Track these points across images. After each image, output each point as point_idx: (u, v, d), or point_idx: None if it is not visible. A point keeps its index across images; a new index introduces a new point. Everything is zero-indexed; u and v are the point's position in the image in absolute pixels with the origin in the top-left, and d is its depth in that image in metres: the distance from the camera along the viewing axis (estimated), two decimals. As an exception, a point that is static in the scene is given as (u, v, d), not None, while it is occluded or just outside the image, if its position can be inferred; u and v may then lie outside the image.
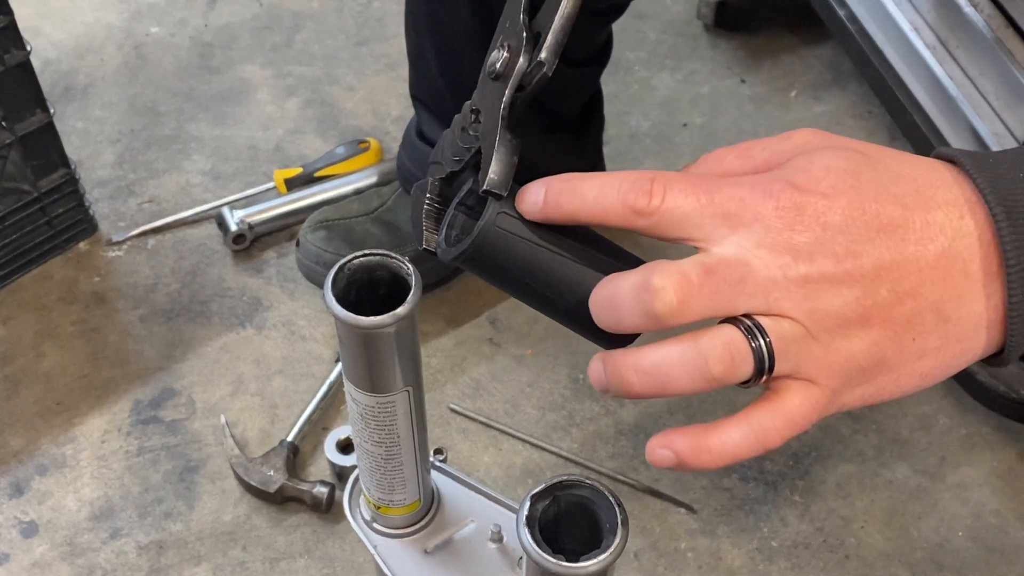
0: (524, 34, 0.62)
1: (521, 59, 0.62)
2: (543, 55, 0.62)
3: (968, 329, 0.59)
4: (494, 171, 0.61)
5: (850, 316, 0.56)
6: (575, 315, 0.62)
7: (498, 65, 0.63)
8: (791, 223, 0.56)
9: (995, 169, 0.57)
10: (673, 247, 0.59)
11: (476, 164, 0.64)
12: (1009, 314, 0.57)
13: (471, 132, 0.64)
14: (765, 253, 0.56)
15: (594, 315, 0.59)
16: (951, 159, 0.60)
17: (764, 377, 0.58)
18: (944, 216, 0.57)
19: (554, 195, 0.60)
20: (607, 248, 0.63)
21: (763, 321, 0.57)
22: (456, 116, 0.67)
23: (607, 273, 0.60)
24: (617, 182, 0.58)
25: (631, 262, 0.62)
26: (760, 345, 0.56)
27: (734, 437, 0.60)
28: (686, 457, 0.59)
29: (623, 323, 0.58)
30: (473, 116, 0.65)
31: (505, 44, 0.63)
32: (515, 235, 0.61)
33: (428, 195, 0.66)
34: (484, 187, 0.61)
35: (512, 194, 0.62)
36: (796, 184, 0.56)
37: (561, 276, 0.61)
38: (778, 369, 0.57)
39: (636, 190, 0.58)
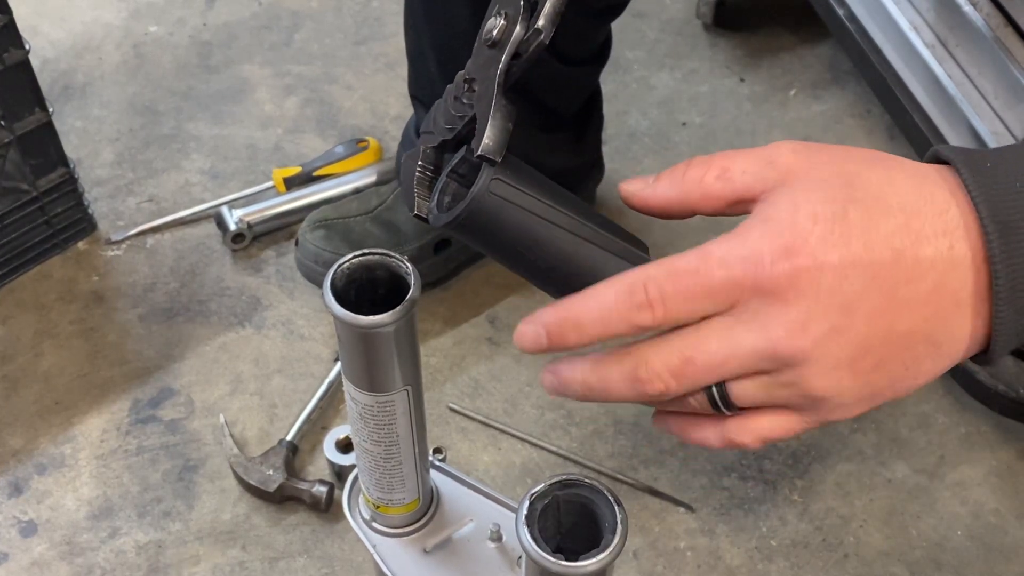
0: (521, 2, 0.62)
1: (518, 27, 0.62)
2: (540, 22, 0.62)
3: (958, 344, 0.59)
4: (489, 136, 0.61)
5: (842, 368, 0.58)
6: (566, 286, 0.62)
7: (495, 32, 0.63)
8: (783, 298, 0.57)
9: (992, 177, 0.57)
10: (678, 243, 0.59)
11: (469, 132, 0.64)
12: (995, 329, 0.58)
13: (464, 100, 0.64)
14: (758, 329, 0.58)
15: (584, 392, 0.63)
16: (947, 161, 0.60)
17: (725, 411, 0.61)
18: (935, 250, 0.57)
19: (557, 338, 0.61)
20: (598, 220, 0.64)
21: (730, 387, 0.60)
22: (448, 86, 0.66)
23: (599, 245, 0.62)
24: (613, 303, 0.59)
25: (622, 235, 0.64)
26: (713, 393, 0.61)
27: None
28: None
29: (614, 399, 0.62)
30: (467, 85, 0.65)
31: (502, 12, 0.63)
32: (509, 202, 0.61)
33: (420, 163, 0.66)
34: (479, 152, 0.60)
35: (507, 161, 0.61)
36: (786, 247, 0.57)
37: (554, 246, 0.62)
38: (742, 405, 0.61)
39: (636, 306, 0.59)
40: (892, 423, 1.51)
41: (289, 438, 1.46)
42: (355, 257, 0.73)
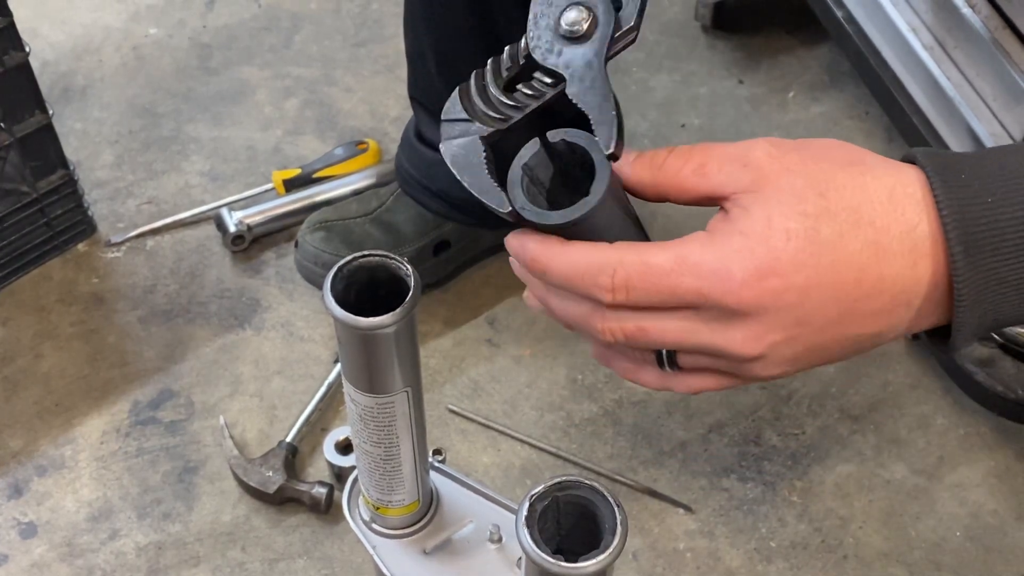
0: (599, 3, 0.62)
1: (611, 23, 0.62)
2: (634, 20, 0.62)
3: (903, 329, 0.62)
4: (617, 135, 0.61)
5: (786, 362, 0.62)
6: None
7: (583, 26, 0.62)
8: (745, 314, 0.59)
9: (964, 189, 0.58)
10: (686, 225, 0.61)
11: (528, 123, 0.63)
12: (954, 332, 0.61)
13: (526, 91, 0.63)
14: (716, 331, 0.61)
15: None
16: (922, 168, 0.60)
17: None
18: (898, 269, 0.59)
19: (527, 267, 0.64)
20: (636, 220, 0.67)
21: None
22: (476, 71, 0.65)
23: (634, 223, 0.66)
24: (582, 271, 0.61)
25: (643, 236, 0.67)
26: (662, 355, 0.65)
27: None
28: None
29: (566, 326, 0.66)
30: (525, 74, 0.63)
31: (582, 5, 0.62)
32: (614, 198, 0.63)
33: (484, 155, 0.62)
34: (611, 151, 0.60)
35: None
36: (758, 268, 0.58)
37: (616, 228, 0.64)
38: (685, 368, 0.66)
39: (598, 285, 0.61)
40: (891, 424, 1.51)
41: (289, 440, 1.46)
42: (355, 259, 0.73)
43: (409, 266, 0.72)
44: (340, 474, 1.43)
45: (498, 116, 0.63)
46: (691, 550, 1.41)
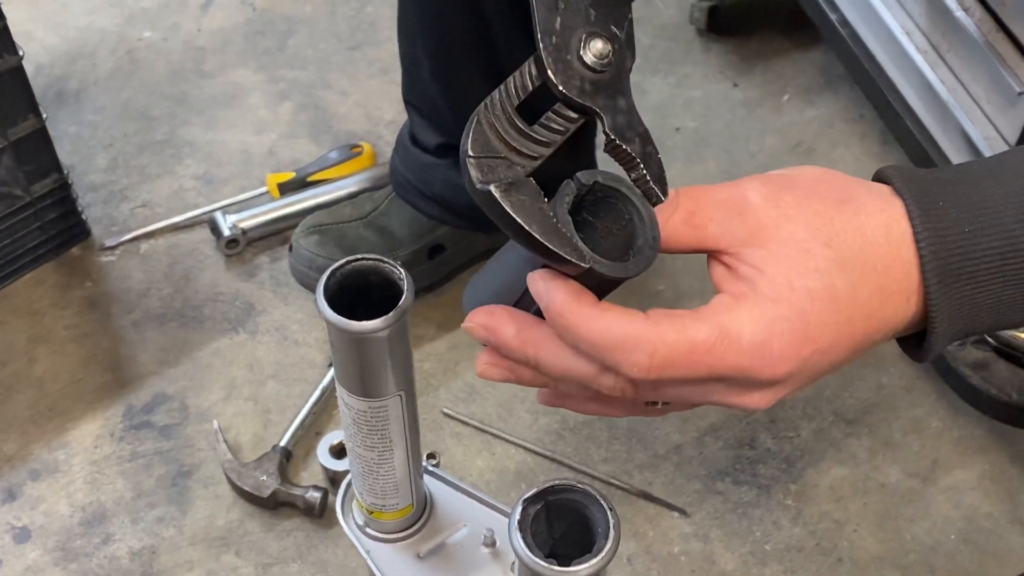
0: (614, 29, 0.60)
1: (626, 55, 0.60)
2: (632, 60, 0.61)
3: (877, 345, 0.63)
4: (664, 180, 0.59)
5: (782, 394, 0.62)
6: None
7: (607, 58, 0.59)
8: (772, 381, 0.59)
9: (942, 222, 0.59)
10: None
11: (561, 162, 0.60)
12: (925, 351, 0.62)
13: (554, 126, 0.59)
14: (736, 395, 0.61)
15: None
16: (900, 195, 0.60)
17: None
18: (897, 306, 0.60)
19: (558, 329, 0.61)
20: None
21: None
22: (486, 102, 0.59)
23: None
24: (611, 345, 0.58)
25: None
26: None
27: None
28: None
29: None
30: (536, 101, 0.59)
31: (602, 34, 0.59)
32: None
33: (546, 199, 0.58)
34: (666, 199, 0.59)
35: None
36: (792, 336, 0.58)
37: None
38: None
39: (630, 362, 0.58)
40: (885, 427, 1.51)
41: (283, 444, 1.46)
42: (348, 263, 0.73)
43: (402, 269, 0.72)
44: (334, 478, 1.42)
45: (530, 155, 0.59)
46: (686, 553, 1.41)
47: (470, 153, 0.57)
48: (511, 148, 0.58)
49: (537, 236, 0.56)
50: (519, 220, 0.56)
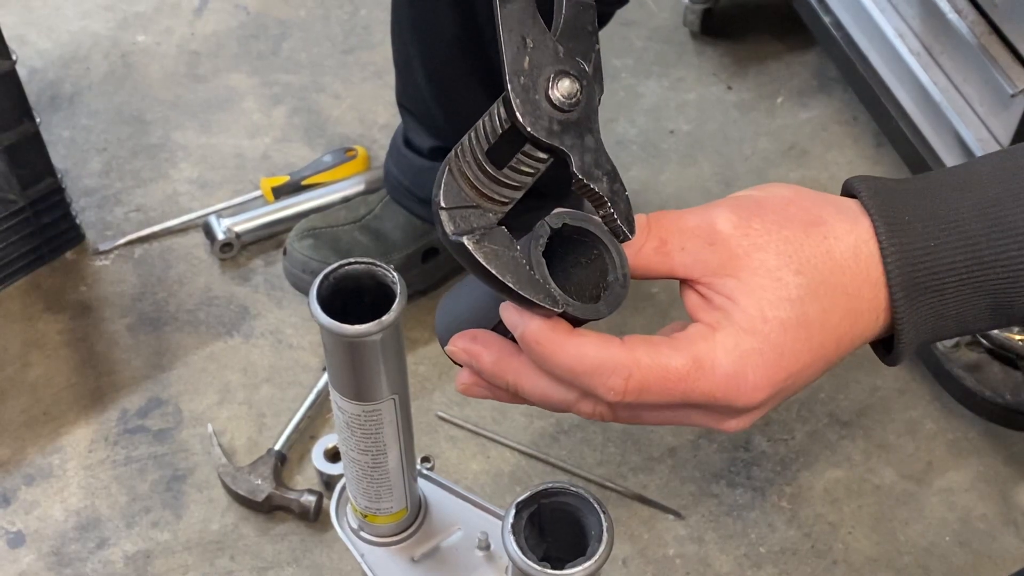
0: (582, 66, 0.59)
1: (594, 92, 0.60)
2: (600, 93, 0.60)
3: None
4: (632, 219, 0.60)
5: (743, 428, 0.63)
6: None
7: (575, 97, 0.58)
8: (747, 409, 0.60)
9: (907, 236, 0.60)
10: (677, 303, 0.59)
11: (528, 206, 0.60)
12: (892, 357, 0.63)
13: (524, 168, 0.59)
14: (712, 420, 0.62)
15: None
16: (866, 209, 0.61)
17: None
18: (867, 324, 0.61)
19: (533, 354, 0.61)
20: None
21: None
22: (456, 150, 0.59)
23: None
24: (589, 368, 0.58)
25: None
26: None
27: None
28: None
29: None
30: (507, 144, 0.59)
31: (569, 72, 0.59)
32: None
33: (519, 248, 0.58)
34: (632, 237, 0.59)
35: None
36: (767, 372, 0.59)
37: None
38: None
39: (606, 386, 0.58)
40: (880, 430, 1.51)
41: (277, 447, 1.46)
42: (342, 266, 0.73)
43: (395, 273, 0.72)
44: (329, 482, 1.42)
45: (502, 200, 0.59)
46: (681, 556, 1.41)
47: (442, 204, 0.58)
48: (482, 195, 0.59)
49: (511, 286, 0.57)
50: (493, 271, 0.57)
